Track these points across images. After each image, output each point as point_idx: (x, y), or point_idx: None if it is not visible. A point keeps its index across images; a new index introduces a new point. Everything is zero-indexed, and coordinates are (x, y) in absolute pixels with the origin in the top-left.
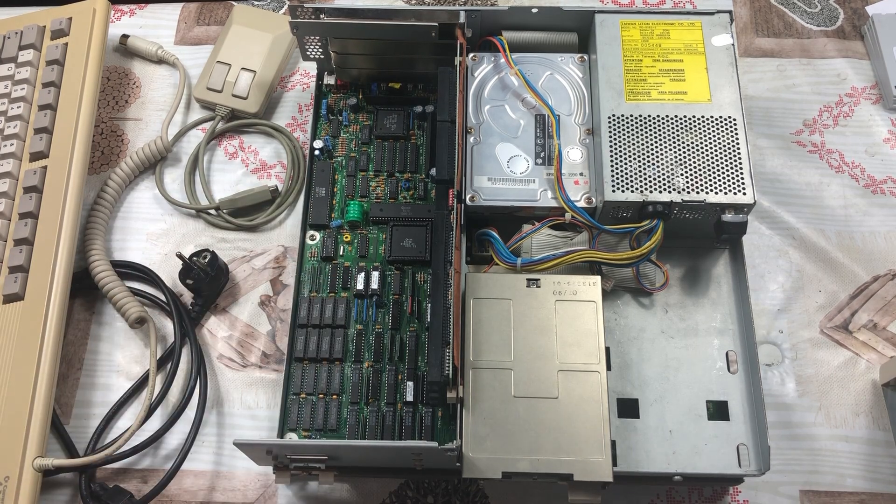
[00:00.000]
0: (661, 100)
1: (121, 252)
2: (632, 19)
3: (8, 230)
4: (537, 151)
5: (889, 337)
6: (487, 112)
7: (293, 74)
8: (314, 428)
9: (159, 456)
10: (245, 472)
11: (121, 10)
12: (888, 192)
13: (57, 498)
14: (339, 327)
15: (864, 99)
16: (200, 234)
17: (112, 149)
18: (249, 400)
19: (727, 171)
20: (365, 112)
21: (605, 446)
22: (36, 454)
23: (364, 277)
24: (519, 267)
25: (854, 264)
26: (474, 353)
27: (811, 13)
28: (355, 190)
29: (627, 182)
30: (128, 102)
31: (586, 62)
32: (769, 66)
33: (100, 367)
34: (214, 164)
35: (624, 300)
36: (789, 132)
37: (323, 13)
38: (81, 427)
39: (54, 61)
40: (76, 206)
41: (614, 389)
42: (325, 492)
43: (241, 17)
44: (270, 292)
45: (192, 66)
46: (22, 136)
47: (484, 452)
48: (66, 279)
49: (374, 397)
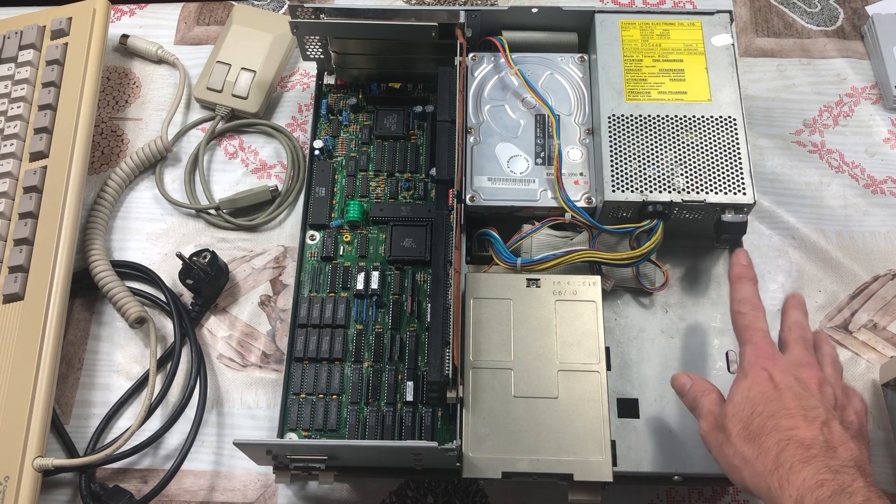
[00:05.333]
0: (661, 100)
1: (121, 252)
2: (632, 19)
3: (8, 230)
4: (537, 151)
5: (889, 337)
6: (487, 112)
7: (293, 74)
8: (314, 428)
9: (159, 456)
10: (245, 472)
11: (121, 10)
12: (888, 192)
13: (57, 498)
14: (339, 327)
15: (864, 99)
16: (200, 234)
17: (112, 149)
18: (249, 400)
19: (727, 171)
20: (365, 112)
21: (604, 446)
22: (36, 454)
23: (364, 277)
24: (519, 267)
25: (854, 264)
26: (474, 353)
27: (811, 13)
28: (355, 190)
29: (627, 182)
30: (128, 102)
31: (586, 62)
32: (769, 66)
33: (100, 367)
34: (214, 164)
35: (624, 300)
36: (789, 132)
37: (323, 13)
38: (81, 427)
39: (54, 61)
40: (76, 206)
41: (614, 389)
42: (325, 492)
43: (241, 17)
44: (270, 292)
45: (192, 66)
46: (22, 136)
47: (484, 452)
48: (66, 279)
49: (374, 397)
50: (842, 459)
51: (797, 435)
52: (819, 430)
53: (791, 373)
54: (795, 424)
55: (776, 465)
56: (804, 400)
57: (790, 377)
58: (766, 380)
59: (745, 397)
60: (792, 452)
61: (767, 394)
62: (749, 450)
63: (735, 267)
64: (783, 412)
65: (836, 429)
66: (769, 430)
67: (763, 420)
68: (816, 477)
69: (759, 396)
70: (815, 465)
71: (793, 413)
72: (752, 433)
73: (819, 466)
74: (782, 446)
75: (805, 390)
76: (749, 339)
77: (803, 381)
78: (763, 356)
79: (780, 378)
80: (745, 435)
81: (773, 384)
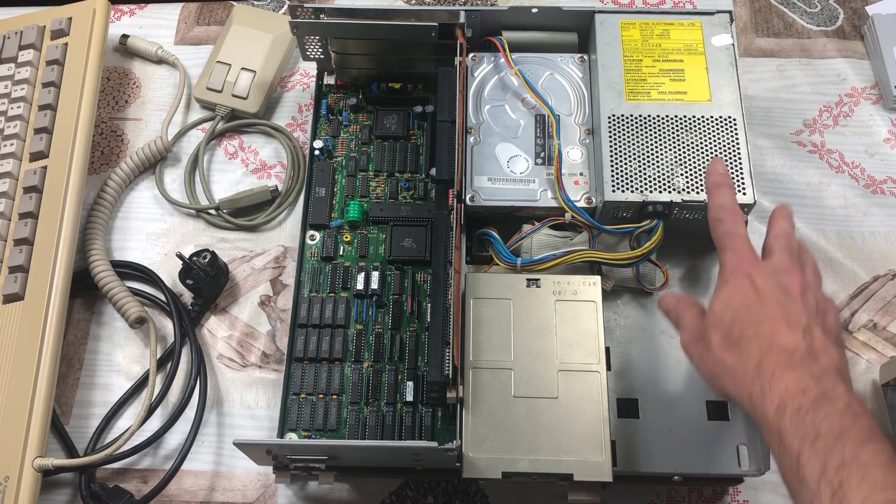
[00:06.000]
0: (661, 100)
1: (121, 252)
2: (632, 19)
3: (8, 230)
4: (537, 151)
5: (889, 337)
6: (487, 112)
7: (293, 74)
8: (314, 428)
9: (159, 456)
10: (245, 472)
11: (121, 10)
12: (888, 192)
13: (57, 498)
14: (339, 327)
15: (864, 99)
16: (200, 234)
17: (112, 149)
18: (249, 400)
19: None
20: (365, 112)
21: (605, 446)
22: (36, 454)
23: (364, 277)
24: (519, 267)
25: (854, 264)
26: (474, 353)
27: (811, 13)
28: (355, 190)
29: (627, 182)
30: (128, 102)
31: (586, 62)
32: (769, 66)
33: (100, 367)
34: (214, 164)
35: (624, 300)
36: (789, 132)
37: (323, 13)
38: (81, 427)
39: (54, 61)
40: (76, 206)
41: (614, 389)
42: (325, 492)
43: (241, 17)
44: (270, 292)
45: (192, 66)
46: (22, 136)
47: (484, 452)
48: (66, 279)
49: (374, 397)
50: (823, 366)
51: (779, 341)
52: (801, 336)
53: (774, 279)
54: (777, 330)
55: (757, 371)
56: (786, 306)
57: (772, 283)
58: (748, 286)
59: (726, 305)
60: (774, 359)
61: (748, 300)
62: (730, 357)
63: (712, 175)
64: (765, 318)
65: (817, 335)
66: (750, 337)
67: (744, 327)
68: (799, 383)
69: (739, 303)
70: (797, 372)
71: (774, 319)
72: (733, 341)
73: (801, 373)
74: (764, 353)
75: (787, 297)
76: (730, 245)
77: (786, 287)
78: (745, 262)
79: (762, 284)
80: (726, 343)
81: (755, 290)
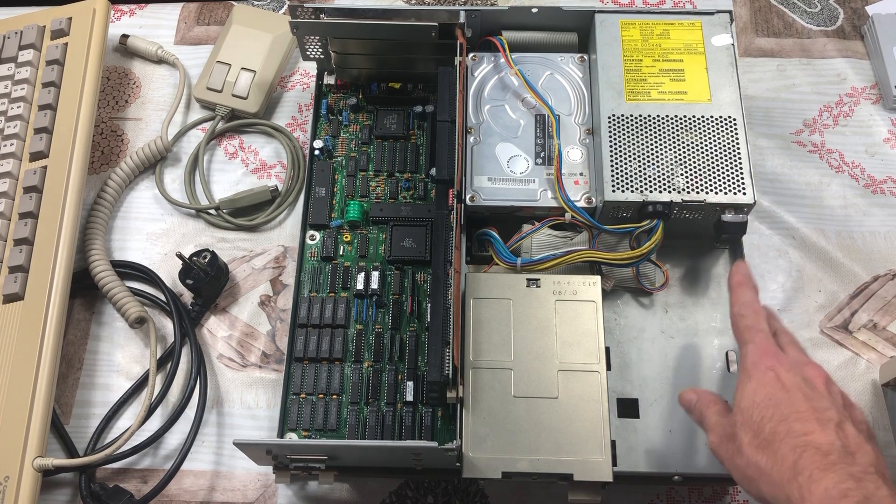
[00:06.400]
0: (661, 100)
1: (121, 252)
2: (632, 19)
3: (8, 230)
4: (537, 151)
5: (889, 337)
6: (487, 112)
7: (293, 74)
8: (314, 428)
9: (159, 456)
10: (245, 472)
11: (121, 10)
12: (888, 192)
13: (57, 498)
14: (339, 327)
15: (864, 99)
16: (200, 234)
17: (112, 149)
18: (249, 400)
19: (727, 171)
20: (365, 112)
21: (604, 446)
22: (36, 454)
23: (364, 277)
24: (519, 267)
25: (854, 264)
26: (474, 353)
27: (811, 13)
28: (355, 190)
29: (627, 182)
30: (128, 102)
31: (586, 62)
32: (769, 66)
33: (100, 367)
34: (214, 164)
35: (624, 300)
36: (789, 132)
37: (323, 13)
38: (81, 427)
39: (54, 61)
40: (76, 206)
41: (614, 389)
42: (325, 492)
43: (241, 16)
44: (270, 292)
45: (192, 66)
46: (22, 136)
47: (484, 452)
48: (66, 279)
49: (373, 397)
50: (862, 465)
51: (813, 440)
52: (835, 433)
53: (797, 372)
54: (810, 429)
55: (794, 473)
56: (814, 401)
57: (797, 377)
58: (773, 380)
59: (752, 402)
60: (810, 459)
61: (776, 396)
62: (763, 459)
63: (735, 276)
64: (795, 415)
65: (850, 431)
66: (782, 436)
67: (775, 425)
68: (839, 486)
69: (767, 399)
70: (836, 473)
71: (805, 416)
72: (765, 440)
73: (841, 474)
74: (798, 453)
75: (813, 390)
76: (751, 338)
77: (810, 380)
78: (767, 354)
79: (787, 378)
80: (757, 443)
81: (781, 384)
